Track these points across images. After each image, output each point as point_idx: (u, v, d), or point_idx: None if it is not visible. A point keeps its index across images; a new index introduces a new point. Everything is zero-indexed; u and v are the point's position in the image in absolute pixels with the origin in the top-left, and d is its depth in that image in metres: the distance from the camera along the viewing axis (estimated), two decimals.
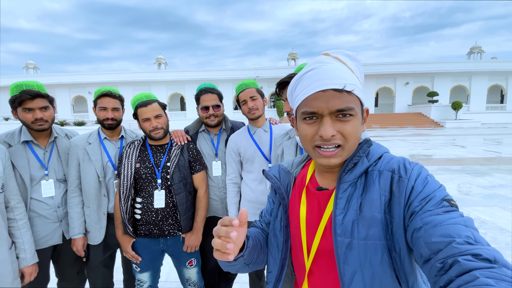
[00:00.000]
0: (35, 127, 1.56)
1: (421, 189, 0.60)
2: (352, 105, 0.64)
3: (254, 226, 0.92)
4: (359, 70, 0.70)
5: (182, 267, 1.74)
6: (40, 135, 1.65)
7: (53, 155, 1.69)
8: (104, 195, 1.70)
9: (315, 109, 0.64)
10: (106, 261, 1.80)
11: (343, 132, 0.64)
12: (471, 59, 31.21)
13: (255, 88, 1.73)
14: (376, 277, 0.63)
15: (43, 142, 1.67)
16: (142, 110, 1.58)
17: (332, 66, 0.65)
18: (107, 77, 29.59)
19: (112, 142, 1.80)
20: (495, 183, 5.48)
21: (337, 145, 0.65)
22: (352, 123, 0.64)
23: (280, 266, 0.79)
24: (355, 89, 0.64)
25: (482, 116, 25.16)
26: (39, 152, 1.64)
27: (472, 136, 14.92)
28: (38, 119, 1.54)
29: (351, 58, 0.70)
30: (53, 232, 1.67)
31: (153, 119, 1.58)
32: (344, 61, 0.68)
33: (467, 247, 0.48)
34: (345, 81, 0.63)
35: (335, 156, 0.65)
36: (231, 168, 1.79)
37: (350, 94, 0.64)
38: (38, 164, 1.62)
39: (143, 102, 1.60)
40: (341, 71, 0.65)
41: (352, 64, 0.69)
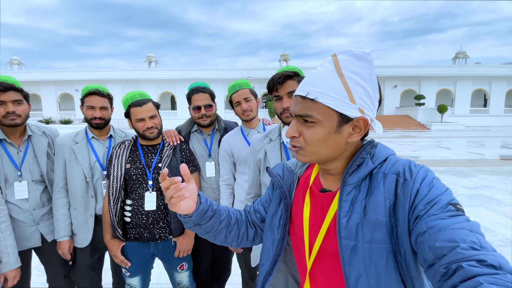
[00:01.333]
0: (6, 122, 1.47)
1: (426, 192, 0.59)
2: (312, 113, 0.65)
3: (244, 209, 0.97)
4: (366, 73, 0.64)
5: (173, 271, 1.70)
6: (13, 133, 1.56)
7: (28, 155, 1.60)
8: (92, 196, 1.64)
9: (290, 110, 0.73)
10: (94, 264, 1.74)
11: (303, 136, 0.68)
12: (456, 64, 32.19)
13: (248, 89, 1.69)
14: (381, 280, 0.62)
15: (16, 141, 1.58)
16: (136, 109, 1.52)
17: (315, 72, 0.68)
18: (95, 74, 28.87)
19: (100, 142, 1.73)
20: (479, 184, 5.66)
21: (296, 146, 0.70)
22: (313, 130, 0.66)
23: (273, 261, 0.81)
24: (318, 97, 0.63)
25: (466, 119, 26.02)
26: (12, 152, 1.56)
27: (456, 138, 15.39)
28: (9, 113, 1.46)
29: (358, 58, 0.65)
30: (30, 235, 1.59)
31: (147, 119, 1.53)
32: (342, 64, 0.64)
33: (472, 252, 0.48)
34: (311, 89, 0.65)
35: (297, 153, 0.71)
36: (224, 169, 1.76)
37: (314, 101, 0.64)
38: (11, 164, 1.53)
39: (137, 102, 1.53)
40: (318, 78, 0.65)
41: (357, 66, 0.64)
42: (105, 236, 1.59)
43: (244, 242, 0.91)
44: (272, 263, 0.81)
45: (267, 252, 0.83)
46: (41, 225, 1.62)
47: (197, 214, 0.78)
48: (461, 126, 22.99)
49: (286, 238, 0.80)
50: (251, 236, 0.91)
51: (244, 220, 0.91)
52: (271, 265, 0.81)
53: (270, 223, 0.84)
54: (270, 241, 0.83)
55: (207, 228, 0.82)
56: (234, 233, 0.88)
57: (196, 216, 0.78)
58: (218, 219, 0.83)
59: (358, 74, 0.64)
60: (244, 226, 0.90)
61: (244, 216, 0.93)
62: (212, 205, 0.82)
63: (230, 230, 0.87)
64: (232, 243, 0.89)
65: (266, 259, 0.83)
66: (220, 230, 0.85)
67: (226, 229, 0.86)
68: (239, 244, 0.90)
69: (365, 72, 0.65)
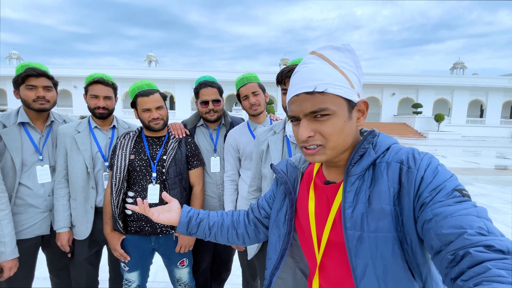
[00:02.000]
0: (36, 106, 1.50)
1: (431, 179, 0.59)
2: (326, 105, 0.63)
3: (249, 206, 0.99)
4: (351, 61, 0.67)
5: (173, 267, 1.67)
6: (38, 118, 1.57)
7: (49, 141, 1.61)
8: (92, 187, 1.60)
9: (293, 113, 0.68)
10: (92, 258, 1.70)
11: (321, 133, 0.65)
12: (454, 74, 32.64)
13: (257, 83, 1.66)
14: (388, 269, 0.62)
15: (40, 126, 1.59)
16: (143, 99, 1.50)
17: (309, 68, 0.65)
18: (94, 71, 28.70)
19: (103, 132, 1.69)
20: (476, 192, 5.69)
21: (316, 145, 0.66)
22: (330, 122, 0.64)
23: (280, 255, 0.82)
24: (328, 88, 0.63)
25: (463, 129, 26.32)
26: (35, 136, 1.57)
27: (453, 147, 15.53)
28: (40, 97, 1.50)
29: (340, 50, 0.66)
30: (42, 222, 1.58)
31: (154, 110, 1.51)
32: (329, 57, 0.65)
33: (479, 238, 0.47)
34: (317, 82, 0.63)
35: (317, 153, 0.67)
36: (229, 165, 1.73)
37: (323, 94, 0.63)
38: (33, 148, 1.54)
39: (145, 91, 1.51)
40: (317, 71, 0.64)
41: (342, 57, 0.66)
42: (105, 228, 1.55)
43: (247, 240, 0.93)
44: (279, 257, 0.82)
45: (273, 247, 0.84)
46: (53, 212, 1.60)
47: (180, 225, 0.89)
48: (458, 136, 23.23)
49: (292, 233, 0.80)
50: (252, 234, 0.94)
51: (242, 220, 0.94)
52: (278, 259, 0.82)
53: (276, 218, 0.84)
54: (276, 236, 0.83)
55: (200, 234, 0.92)
56: (231, 234, 0.92)
57: (181, 228, 0.90)
58: (206, 226, 0.91)
59: (346, 63, 0.66)
60: (242, 226, 0.93)
61: (242, 216, 0.96)
62: (197, 215, 0.91)
63: (226, 232, 0.92)
64: (234, 243, 0.94)
65: (273, 253, 0.84)
66: (214, 234, 0.92)
67: (220, 231, 0.92)
68: (244, 242, 0.94)
69: (351, 60, 0.67)
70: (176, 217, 0.89)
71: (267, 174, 1.39)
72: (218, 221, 0.92)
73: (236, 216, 0.95)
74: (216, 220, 0.92)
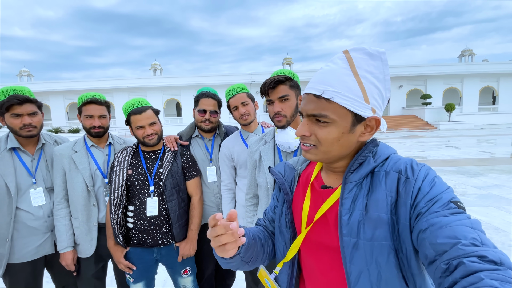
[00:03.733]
0: (24, 133, 1.51)
1: (428, 190, 0.60)
2: (327, 113, 0.64)
3: (258, 224, 0.94)
4: (379, 73, 0.64)
5: (177, 276, 1.71)
6: (28, 142, 1.60)
7: (41, 163, 1.64)
8: (94, 204, 1.63)
9: (300, 109, 0.71)
10: (99, 273, 1.74)
11: (316, 136, 0.67)
12: (462, 62, 31.74)
13: (245, 93, 1.70)
14: (382, 277, 0.63)
15: (31, 149, 1.62)
16: (136, 117, 1.54)
17: (329, 69, 0.65)
18: (102, 83, 29.41)
19: (100, 149, 1.72)
20: (490, 183, 5.53)
21: (310, 144, 0.69)
22: (327, 130, 0.65)
23: (291, 265, 0.79)
24: (334, 97, 0.62)
25: (475, 118, 25.50)
26: (27, 160, 1.59)
27: (465, 137, 15.09)
28: (26, 125, 1.50)
29: (373, 57, 0.64)
30: (44, 243, 1.62)
31: (147, 126, 1.55)
32: (357, 62, 0.63)
33: (473, 248, 0.48)
34: (327, 88, 0.63)
35: (309, 151, 0.70)
36: (225, 174, 1.76)
37: (329, 101, 0.63)
38: (26, 172, 1.57)
39: (137, 110, 1.55)
40: (333, 76, 0.63)
41: (371, 65, 0.63)
42: (108, 242, 1.60)
43: (272, 256, 0.88)
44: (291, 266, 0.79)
45: (281, 256, 0.81)
46: (54, 232, 1.64)
47: (245, 249, 0.74)
48: (470, 125, 22.56)
49: (296, 237, 0.79)
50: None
51: (268, 236, 0.89)
52: (290, 269, 0.79)
53: (279, 224, 0.84)
54: (283, 244, 0.81)
55: (248, 258, 0.77)
56: (266, 252, 0.85)
57: (245, 252, 0.74)
58: (257, 245, 0.80)
59: (372, 73, 0.64)
60: (271, 242, 0.88)
61: (265, 232, 0.90)
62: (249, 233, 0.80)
63: (263, 251, 0.84)
64: (264, 262, 0.85)
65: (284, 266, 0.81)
66: (257, 255, 0.81)
67: (262, 250, 0.83)
68: (270, 259, 0.88)
69: (379, 72, 0.64)
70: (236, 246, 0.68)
71: (262, 183, 1.41)
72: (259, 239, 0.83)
73: (262, 234, 0.87)
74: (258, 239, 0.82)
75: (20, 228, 1.55)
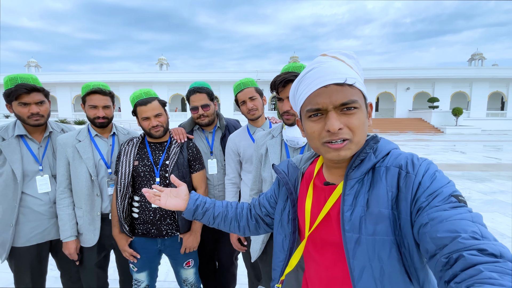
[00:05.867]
0: (31, 122, 1.53)
1: (429, 184, 0.60)
2: (355, 97, 0.65)
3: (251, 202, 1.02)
4: (357, 67, 0.71)
5: (179, 267, 1.72)
6: (35, 130, 1.61)
7: (48, 150, 1.65)
8: (97, 194, 1.62)
9: (319, 105, 0.66)
10: (101, 263, 1.75)
11: (350, 125, 0.65)
12: (472, 66, 31.29)
13: (254, 88, 1.68)
14: (385, 272, 0.63)
15: (38, 137, 1.63)
16: (141, 108, 1.54)
17: (331, 64, 0.67)
18: (109, 76, 29.61)
19: (104, 139, 1.71)
20: (496, 189, 5.46)
21: (344, 139, 0.65)
22: (357, 116, 0.65)
23: (288, 254, 0.83)
24: (356, 82, 0.65)
25: (483, 123, 25.15)
26: (34, 147, 1.61)
27: (472, 142, 14.90)
28: (34, 114, 1.51)
29: (348, 56, 0.71)
30: (50, 227, 1.64)
31: (153, 118, 1.54)
32: (342, 59, 0.69)
33: (473, 242, 0.48)
34: (345, 76, 0.65)
35: (344, 148, 0.65)
36: (230, 168, 1.76)
37: (352, 87, 0.65)
38: (32, 159, 1.58)
39: (143, 101, 1.54)
40: (341, 67, 0.66)
41: (350, 62, 0.70)
42: (114, 230, 1.61)
43: (247, 232, 0.98)
44: (287, 255, 0.83)
45: (280, 245, 0.85)
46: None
47: (187, 212, 0.93)
48: (477, 130, 22.26)
49: (297, 232, 0.82)
50: (252, 228, 0.98)
51: (245, 214, 0.98)
52: (286, 257, 0.84)
53: (280, 218, 0.86)
54: (282, 235, 0.85)
55: (205, 221, 0.96)
56: (233, 225, 0.97)
57: (187, 214, 0.93)
58: (211, 215, 0.94)
59: (354, 68, 0.70)
60: (244, 219, 0.97)
61: (245, 210, 0.99)
62: (204, 204, 0.94)
63: (229, 223, 0.97)
64: (235, 232, 0.99)
65: (280, 252, 0.86)
66: (217, 223, 0.96)
67: (223, 222, 0.96)
68: (244, 233, 0.99)
69: (358, 68, 0.71)
70: (183, 204, 0.92)
71: (267, 178, 1.41)
72: (222, 212, 0.95)
73: (239, 209, 0.98)
74: (221, 211, 0.95)
75: (27, 212, 1.57)
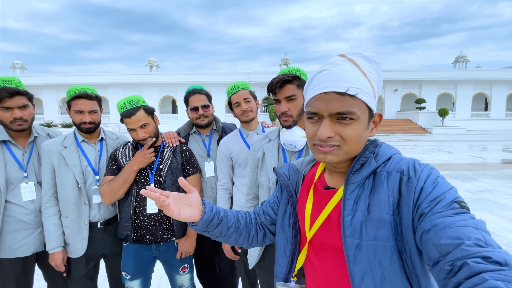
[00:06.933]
0: (14, 127, 1.46)
1: (431, 190, 0.59)
2: (354, 109, 0.63)
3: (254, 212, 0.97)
4: (376, 73, 0.69)
5: (174, 273, 1.68)
6: (19, 135, 1.54)
7: (33, 156, 1.58)
8: (85, 203, 1.54)
9: (316, 110, 0.66)
10: (90, 273, 1.67)
11: (342, 135, 0.64)
12: (456, 68, 32.29)
13: (248, 90, 1.69)
14: (386, 278, 0.63)
15: (22, 142, 1.56)
16: (126, 121, 1.49)
17: (341, 69, 0.65)
18: (97, 78, 29.03)
19: (91, 145, 1.63)
20: (482, 188, 5.62)
21: (333, 145, 0.66)
22: (352, 127, 0.64)
23: (290, 259, 0.81)
24: (359, 93, 0.63)
25: (467, 123, 25.99)
26: (18, 153, 1.53)
27: (458, 142, 15.34)
28: (17, 119, 1.45)
29: (368, 60, 0.69)
30: (35, 238, 1.56)
31: (138, 129, 1.49)
32: (358, 63, 0.67)
33: (477, 249, 0.48)
34: (349, 85, 0.63)
35: (330, 153, 0.66)
36: (222, 173, 1.72)
37: (353, 98, 0.63)
38: (17, 165, 1.51)
39: (126, 113, 1.47)
40: (349, 74, 0.64)
41: (369, 67, 0.68)
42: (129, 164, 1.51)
43: (254, 243, 0.93)
44: (290, 260, 0.82)
45: (282, 251, 0.84)
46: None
47: (202, 223, 0.80)
48: (462, 130, 22.97)
49: (298, 235, 0.81)
50: (260, 237, 0.93)
51: (254, 223, 0.92)
52: (289, 262, 0.82)
53: (282, 223, 0.85)
54: (284, 240, 0.84)
55: (216, 233, 0.85)
56: (244, 236, 0.90)
57: (202, 225, 0.80)
58: (225, 226, 0.85)
59: (372, 74, 0.68)
60: (254, 229, 0.91)
61: (253, 219, 0.94)
62: (219, 213, 0.83)
63: (240, 234, 0.89)
64: (243, 245, 0.92)
65: (282, 258, 0.84)
66: (229, 235, 0.87)
67: (235, 233, 0.88)
68: (250, 245, 0.93)
69: (376, 73, 0.69)
70: (198, 214, 0.78)
71: (264, 182, 1.39)
72: (235, 221, 0.88)
73: (248, 218, 0.93)
74: (234, 221, 0.87)
75: (11, 222, 1.50)
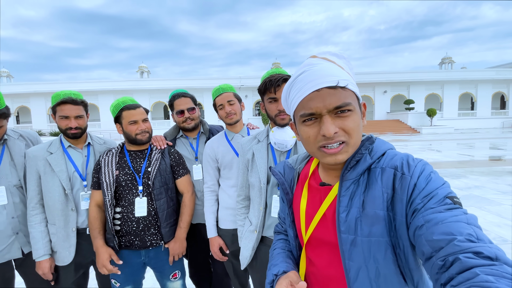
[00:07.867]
0: None
1: (424, 186, 0.59)
2: (349, 100, 0.64)
3: (276, 231, 0.94)
4: (349, 67, 0.70)
5: (165, 280, 1.65)
6: None
7: (5, 159, 1.53)
8: (72, 209, 1.51)
9: (313, 109, 0.64)
10: (79, 281, 1.63)
11: (345, 128, 0.64)
12: (442, 69, 33.12)
13: (232, 93, 1.69)
14: (380, 272, 0.63)
15: None
16: (129, 112, 1.52)
17: (322, 66, 0.66)
18: (87, 85, 28.60)
19: (78, 150, 1.60)
20: (470, 185, 5.74)
21: (341, 141, 0.64)
22: (352, 118, 0.64)
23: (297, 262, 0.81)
24: (348, 84, 0.64)
25: (455, 122, 26.65)
26: None
27: (446, 141, 15.68)
28: None
29: (338, 56, 0.70)
30: (9, 245, 1.51)
31: (141, 122, 1.53)
32: (332, 60, 0.68)
33: (469, 244, 0.48)
34: (337, 78, 0.63)
35: (340, 152, 0.65)
36: (209, 175, 1.72)
37: (344, 89, 0.64)
38: None
39: (131, 105, 1.53)
40: (332, 69, 0.65)
41: (341, 62, 0.69)
42: (96, 242, 1.50)
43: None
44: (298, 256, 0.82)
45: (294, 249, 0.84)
46: (20, 235, 1.53)
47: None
48: (450, 129, 23.52)
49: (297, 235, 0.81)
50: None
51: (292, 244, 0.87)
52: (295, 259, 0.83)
53: (286, 223, 0.87)
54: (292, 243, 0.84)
55: None
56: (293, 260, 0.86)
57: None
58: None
59: (346, 68, 0.69)
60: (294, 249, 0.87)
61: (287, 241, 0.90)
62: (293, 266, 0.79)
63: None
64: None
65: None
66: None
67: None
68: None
69: (349, 67, 0.71)
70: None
71: (255, 183, 1.39)
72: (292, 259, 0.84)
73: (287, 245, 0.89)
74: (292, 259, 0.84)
75: None
